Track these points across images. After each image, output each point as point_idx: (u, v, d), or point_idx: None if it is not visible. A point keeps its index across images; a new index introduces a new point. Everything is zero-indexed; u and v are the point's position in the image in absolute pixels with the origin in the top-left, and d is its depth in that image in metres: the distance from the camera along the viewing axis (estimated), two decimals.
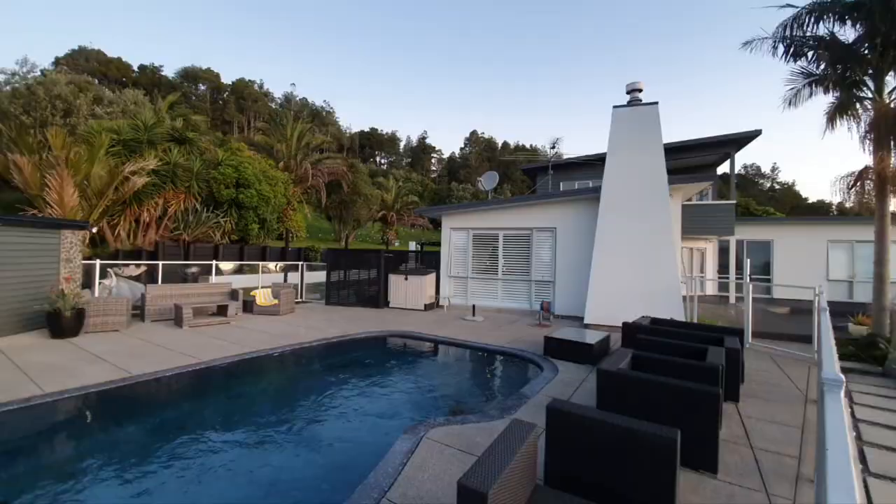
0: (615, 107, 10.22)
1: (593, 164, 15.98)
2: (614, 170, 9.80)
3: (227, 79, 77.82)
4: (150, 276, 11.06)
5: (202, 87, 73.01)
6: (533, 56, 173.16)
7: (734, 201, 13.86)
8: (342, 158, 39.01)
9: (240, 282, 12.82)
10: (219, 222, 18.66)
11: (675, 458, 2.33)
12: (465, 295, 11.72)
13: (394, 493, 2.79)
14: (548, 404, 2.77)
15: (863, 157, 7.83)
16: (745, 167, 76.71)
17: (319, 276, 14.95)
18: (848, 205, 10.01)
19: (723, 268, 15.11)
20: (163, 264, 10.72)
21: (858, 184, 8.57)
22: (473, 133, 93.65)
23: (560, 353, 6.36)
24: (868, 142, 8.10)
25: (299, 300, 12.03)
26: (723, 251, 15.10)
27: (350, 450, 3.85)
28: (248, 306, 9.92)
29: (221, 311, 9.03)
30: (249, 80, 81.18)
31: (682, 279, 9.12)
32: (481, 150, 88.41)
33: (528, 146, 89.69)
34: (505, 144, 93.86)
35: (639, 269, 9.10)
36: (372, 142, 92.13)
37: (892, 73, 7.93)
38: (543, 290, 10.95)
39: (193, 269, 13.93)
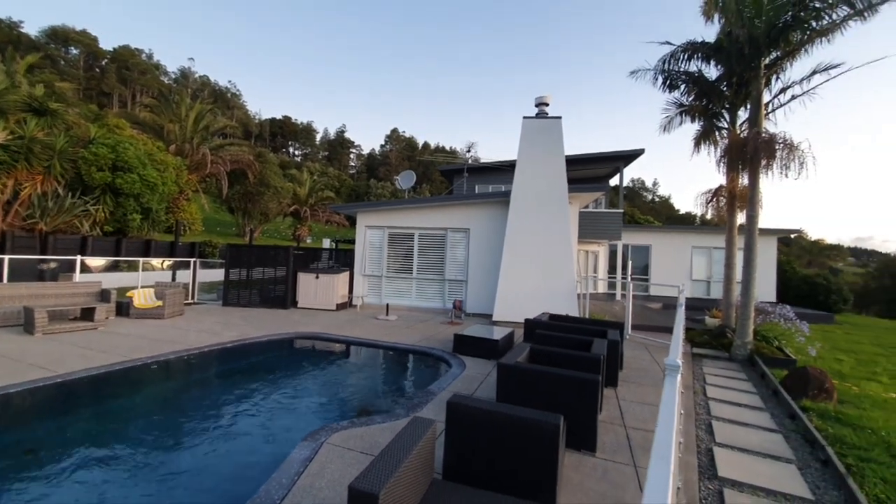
0: (525, 117, 10.90)
1: (506, 170, 16.86)
2: (522, 176, 10.44)
3: (107, 44, 66.74)
4: None
5: (74, 52, 61.67)
6: (454, 62, 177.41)
7: (622, 210, 15.67)
8: (249, 146, 35.95)
9: (114, 281, 11.08)
10: (88, 210, 15.89)
11: (557, 442, 2.54)
12: (379, 294, 11.55)
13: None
14: (448, 400, 2.84)
15: (719, 178, 9.36)
16: (632, 180, 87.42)
17: (217, 275, 13.56)
18: (708, 216, 11.90)
19: (612, 269, 17.03)
20: (9, 258, 8.80)
21: (715, 199, 10.22)
22: (394, 131, 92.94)
23: (468, 350, 6.58)
24: (723, 165, 9.68)
25: (190, 301, 10.77)
26: (612, 254, 17.00)
27: (242, 464, 3.54)
28: (124, 309, 8.61)
29: (87, 314, 7.68)
30: (137, 49, 70.65)
31: (577, 279, 10.04)
32: (402, 149, 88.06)
33: (447, 148, 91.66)
34: (426, 145, 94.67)
35: (541, 269, 9.82)
36: (285, 131, 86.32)
37: (743, 108, 9.52)
38: (456, 289, 11.25)
39: (51, 265, 11.69)
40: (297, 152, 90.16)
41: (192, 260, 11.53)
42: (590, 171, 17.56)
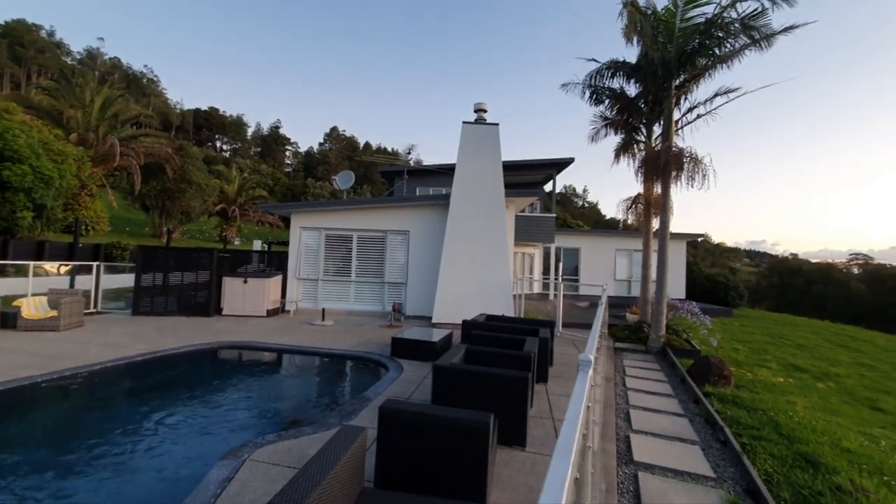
0: (464, 122, 11.11)
1: (446, 173, 17.07)
2: (461, 180, 10.63)
3: None
4: None
5: None
6: (396, 62, 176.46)
7: (555, 215, 16.57)
8: (168, 138, 32.94)
9: None
10: None
11: (487, 440, 2.60)
12: (315, 298, 11.08)
13: None
14: (380, 405, 2.78)
15: (638, 187, 10.20)
16: (564, 187, 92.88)
17: (127, 280, 12.16)
18: (629, 221, 12.93)
19: (546, 270, 17.92)
20: None
21: (634, 206, 11.15)
22: (334, 129, 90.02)
23: (406, 353, 6.53)
24: (640, 175, 10.60)
25: (93, 311, 9.55)
26: (546, 256, 17.90)
27: (151, 491, 3.19)
28: (10, 321, 7.41)
29: None
30: (35, 25, 61.56)
31: (513, 280, 10.42)
32: (342, 148, 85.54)
33: (389, 149, 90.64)
34: (367, 145, 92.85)
35: (479, 271, 10.05)
36: (211, 123, 79.99)
37: (657, 123, 10.47)
38: (396, 292, 11.14)
39: None
40: (225, 147, 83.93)
41: (96, 264, 10.22)
42: (525, 177, 18.34)
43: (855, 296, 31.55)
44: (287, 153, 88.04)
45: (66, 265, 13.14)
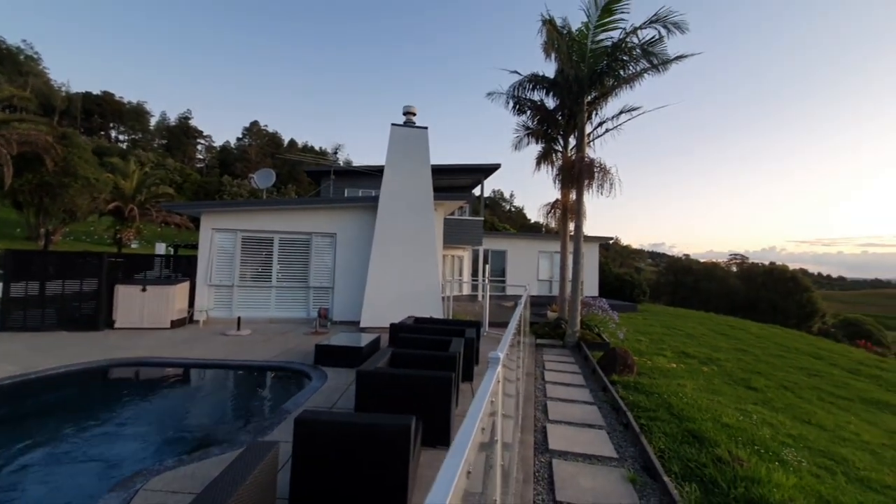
0: (393, 124, 11.03)
1: (375, 174, 16.80)
2: (390, 182, 10.53)
3: None
4: None
5: None
6: (324, 59, 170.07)
7: (483, 218, 17.14)
8: (49, 124, 28.39)
9: None
10: None
11: (409, 443, 2.60)
12: (229, 306, 10.21)
13: None
14: (295, 417, 2.65)
15: (556, 193, 10.91)
16: (493, 191, 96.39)
17: None
18: (552, 225, 13.79)
19: (475, 272, 18.45)
20: None
21: (553, 211, 11.94)
22: (255, 124, 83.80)
23: (332, 360, 6.29)
24: (558, 182, 11.38)
25: None
26: (475, 258, 18.43)
27: None
28: None
29: None
30: None
31: (442, 282, 10.57)
32: (264, 145, 79.87)
33: (317, 148, 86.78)
34: (293, 143, 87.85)
35: (408, 273, 10.04)
36: (105, 110, 70.22)
37: (573, 135, 11.30)
38: (323, 297, 10.69)
39: None
40: (122, 137, 74.17)
41: None
42: (455, 181, 18.73)
43: (733, 290, 36.93)
44: (199, 147, 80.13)
45: None
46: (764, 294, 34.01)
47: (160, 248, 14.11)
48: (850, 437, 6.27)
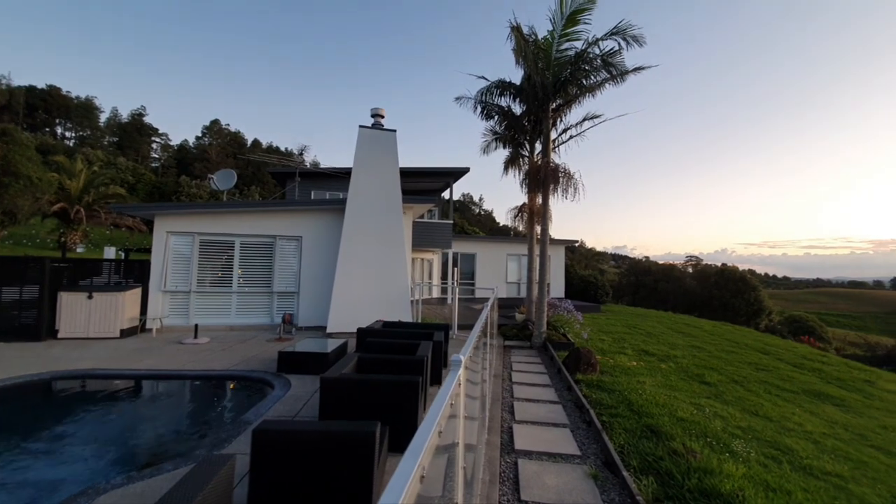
0: (361, 127, 10.89)
1: (342, 177, 16.54)
2: (358, 184, 10.39)
3: None
4: None
5: None
6: (290, 56, 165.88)
7: (452, 221, 17.22)
8: None
9: None
10: None
11: (373, 450, 2.56)
12: (186, 314, 9.72)
13: None
14: (253, 427, 2.55)
15: (523, 197, 11.12)
16: (462, 195, 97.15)
17: None
18: (520, 228, 14.00)
19: (445, 275, 18.49)
20: None
21: (520, 214, 12.15)
22: (215, 122, 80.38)
23: (296, 368, 6.12)
24: (525, 186, 11.60)
25: None
26: (445, 261, 18.48)
27: None
28: None
29: None
30: None
31: (411, 285, 10.52)
32: (225, 144, 76.72)
33: (282, 149, 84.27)
34: (256, 143, 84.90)
35: (376, 277, 9.92)
36: (51, 105, 65.45)
37: (539, 141, 11.54)
38: (288, 302, 10.38)
39: None
40: (69, 134, 69.31)
41: None
42: (423, 184, 18.72)
43: (688, 290, 38.89)
44: (154, 146, 76.00)
45: None
46: (716, 293, 36.02)
47: (109, 253, 13.24)
48: (794, 427, 6.72)
